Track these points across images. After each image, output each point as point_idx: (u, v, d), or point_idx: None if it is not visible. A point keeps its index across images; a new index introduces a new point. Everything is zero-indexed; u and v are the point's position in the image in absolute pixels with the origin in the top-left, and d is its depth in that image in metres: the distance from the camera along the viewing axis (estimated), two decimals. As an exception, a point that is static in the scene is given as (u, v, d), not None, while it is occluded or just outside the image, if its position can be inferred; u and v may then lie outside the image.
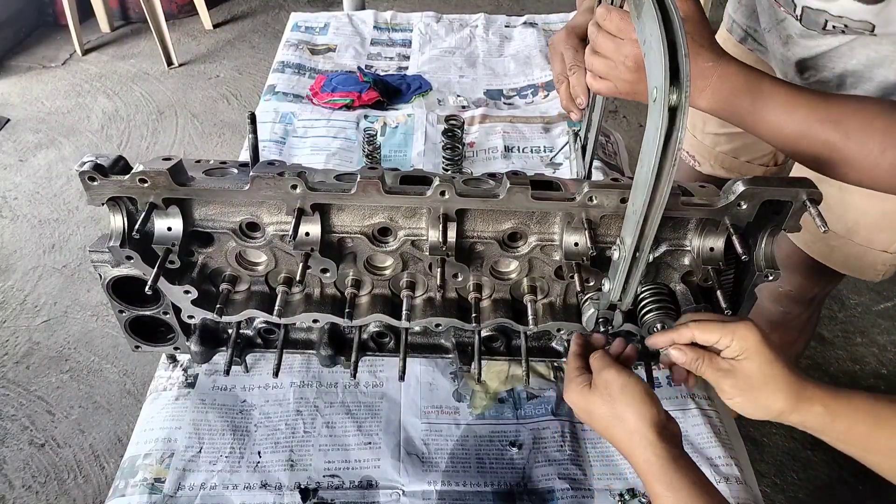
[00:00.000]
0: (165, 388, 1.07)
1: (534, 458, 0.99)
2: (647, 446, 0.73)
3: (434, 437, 1.02)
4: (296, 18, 2.00)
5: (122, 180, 0.78)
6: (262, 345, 1.05)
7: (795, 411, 0.74)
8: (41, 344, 2.24)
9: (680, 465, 0.73)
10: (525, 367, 0.98)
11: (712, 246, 0.85)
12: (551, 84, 1.70)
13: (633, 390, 0.77)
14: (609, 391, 0.78)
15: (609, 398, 0.78)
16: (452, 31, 1.98)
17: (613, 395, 0.78)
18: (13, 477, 1.88)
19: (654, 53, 0.58)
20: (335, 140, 1.52)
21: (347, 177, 0.88)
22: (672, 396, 1.06)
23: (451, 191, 0.80)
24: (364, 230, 0.86)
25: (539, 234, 0.86)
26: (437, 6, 3.08)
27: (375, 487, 0.95)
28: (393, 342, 1.03)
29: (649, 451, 0.73)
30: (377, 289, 0.95)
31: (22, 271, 2.50)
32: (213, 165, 0.88)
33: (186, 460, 0.97)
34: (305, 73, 1.77)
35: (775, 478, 1.92)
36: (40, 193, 2.85)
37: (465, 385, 1.09)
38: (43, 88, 3.49)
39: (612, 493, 0.96)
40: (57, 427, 2.01)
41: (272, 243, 0.87)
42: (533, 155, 1.50)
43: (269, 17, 4.22)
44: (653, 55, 0.59)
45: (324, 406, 1.05)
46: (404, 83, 1.72)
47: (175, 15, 4.09)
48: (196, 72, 3.68)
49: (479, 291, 0.93)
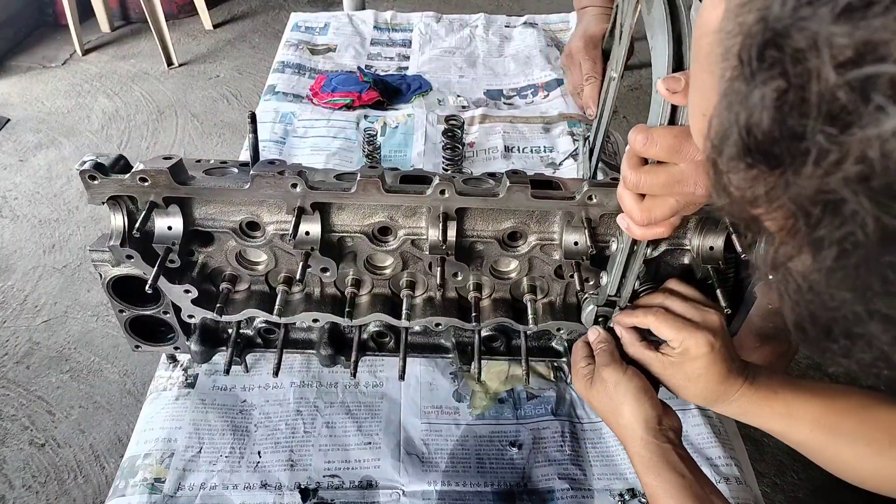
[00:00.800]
0: (165, 388, 1.07)
1: (534, 458, 0.99)
2: (639, 441, 0.77)
3: (434, 437, 1.02)
4: (296, 18, 2.00)
5: (123, 179, 0.78)
6: (262, 344, 1.05)
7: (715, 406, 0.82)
8: (41, 344, 2.24)
9: (671, 458, 0.75)
10: (525, 366, 0.98)
11: (712, 245, 0.85)
12: (551, 84, 1.70)
13: (627, 387, 0.81)
14: (606, 386, 0.82)
15: (607, 393, 0.82)
16: (452, 31, 1.98)
17: (610, 390, 0.82)
18: (13, 477, 1.88)
19: (661, 47, 0.59)
20: (335, 140, 1.52)
21: (347, 176, 0.88)
22: (672, 396, 1.06)
23: (451, 190, 0.80)
24: (364, 229, 0.86)
25: (539, 234, 0.86)
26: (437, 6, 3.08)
27: (375, 487, 0.95)
28: (393, 342, 1.03)
29: (640, 446, 0.77)
30: (377, 288, 0.95)
31: (22, 271, 2.50)
32: (213, 165, 0.88)
33: (186, 460, 0.97)
34: (305, 73, 1.77)
35: (775, 478, 1.92)
36: (40, 193, 2.85)
37: (465, 385, 1.09)
38: (43, 88, 3.49)
39: (612, 493, 0.96)
40: (57, 427, 2.01)
41: (272, 242, 0.87)
42: (533, 155, 1.50)
43: (269, 17, 4.22)
44: (659, 49, 0.59)
45: (324, 406, 1.05)
46: (404, 83, 1.72)
47: (175, 15, 4.09)
48: (196, 72, 3.68)
49: (479, 291, 0.93)
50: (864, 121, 0.26)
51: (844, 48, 0.26)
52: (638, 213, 0.63)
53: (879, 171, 0.27)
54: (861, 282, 0.31)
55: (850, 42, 0.26)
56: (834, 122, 0.28)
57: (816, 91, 0.28)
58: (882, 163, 0.26)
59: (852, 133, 0.27)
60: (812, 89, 0.28)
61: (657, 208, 0.62)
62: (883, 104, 0.26)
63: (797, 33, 0.28)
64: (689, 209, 0.61)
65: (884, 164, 0.26)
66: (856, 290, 0.31)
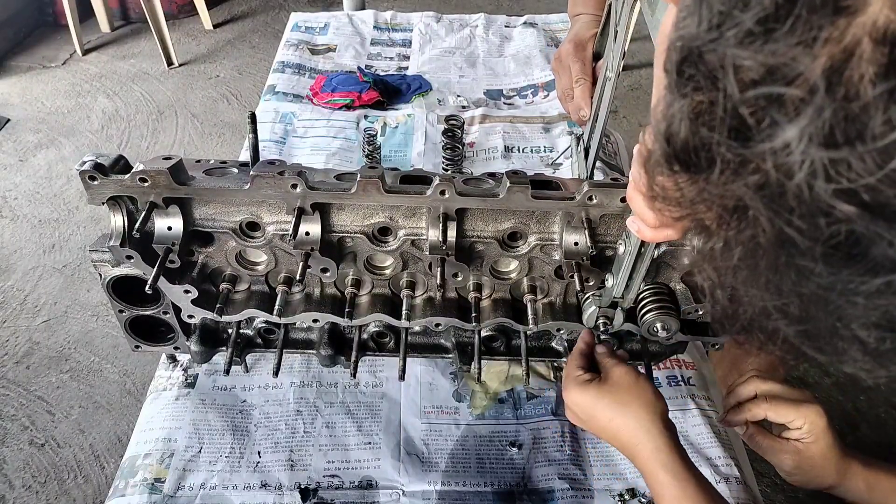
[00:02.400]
0: (165, 388, 1.07)
1: (534, 458, 0.99)
2: (658, 436, 0.77)
3: (434, 437, 1.02)
4: (296, 18, 2.00)
5: (123, 179, 0.78)
6: (262, 345, 1.05)
7: (841, 486, 0.84)
8: (41, 344, 2.24)
9: (686, 457, 0.76)
10: (525, 367, 0.98)
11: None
12: (551, 84, 1.70)
13: (644, 386, 0.81)
14: (620, 385, 0.82)
15: (619, 392, 0.82)
16: (452, 31, 1.98)
17: (623, 388, 0.82)
18: (13, 477, 1.88)
19: None
20: (335, 140, 1.52)
21: (347, 176, 0.88)
22: (672, 397, 1.06)
23: (451, 190, 0.79)
24: (364, 230, 0.86)
25: (539, 234, 0.86)
26: (437, 6, 3.08)
27: (375, 487, 0.95)
28: (393, 342, 1.03)
29: (660, 440, 0.77)
30: (377, 288, 0.95)
31: (22, 271, 2.50)
32: (213, 165, 0.88)
33: (186, 460, 0.97)
34: (305, 73, 1.77)
35: (775, 478, 1.91)
36: (40, 193, 2.85)
37: (465, 385, 1.09)
38: (43, 88, 3.49)
39: (612, 493, 0.96)
40: (57, 427, 2.01)
41: (272, 243, 0.87)
42: (533, 155, 1.50)
43: (269, 17, 4.22)
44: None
45: (324, 406, 1.05)
46: (404, 83, 1.72)
47: (175, 15, 4.09)
48: (196, 72, 3.68)
49: (479, 291, 0.93)
50: (761, 135, 0.29)
51: (748, 70, 0.29)
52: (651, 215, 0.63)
53: (773, 181, 0.30)
54: (764, 279, 0.34)
55: (752, 64, 0.29)
56: (737, 135, 0.30)
57: (723, 107, 0.30)
58: (775, 174, 0.29)
59: (751, 146, 0.30)
60: (720, 105, 0.30)
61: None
62: (777, 119, 0.28)
63: (708, 54, 0.30)
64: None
65: (776, 174, 0.29)
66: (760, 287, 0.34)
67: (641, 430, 0.78)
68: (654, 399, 0.80)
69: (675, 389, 1.08)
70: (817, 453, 0.84)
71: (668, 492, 0.74)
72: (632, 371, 0.83)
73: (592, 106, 1.12)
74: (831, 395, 2.12)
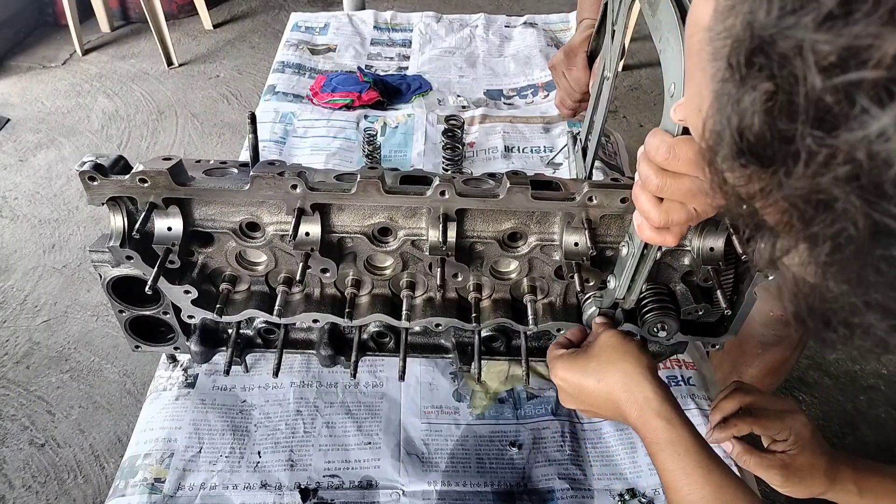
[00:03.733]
0: (165, 388, 1.07)
1: (534, 458, 0.99)
2: (648, 386, 0.76)
3: (434, 437, 1.02)
4: (296, 18, 2.00)
5: (123, 180, 0.78)
6: (262, 345, 1.05)
7: (831, 491, 0.83)
8: (41, 344, 2.24)
9: (678, 406, 0.76)
10: (525, 367, 0.98)
11: (712, 246, 0.84)
12: (551, 84, 1.70)
13: (630, 343, 0.82)
14: (605, 346, 0.82)
15: (605, 352, 0.82)
16: (452, 31, 1.98)
17: (609, 347, 0.81)
18: (13, 477, 1.88)
19: (671, 49, 0.58)
20: (335, 140, 1.52)
21: (347, 177, 0.88)
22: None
23: (451, 191, 0.79)
24: (364, 230, 0.86)
25: (539, 234, 0.86)
26: (437, 6, 3.08)
27: (375, 487, 0.95)
28: (393, 342, 1.03)
29: (649, 390, 0.76)
30: (377, 289, 0.95)
31: (22, 271, 2.50)
32: (213, 165, 0.88)
33: (186, 460, 0.97)
34: (305, 73, 1.77)
35: (775, 478, 1.91)
36: (40, 193, 2.85)
37: (465, 385, 1.09)
38: (43, 88, 3.49)
39: (612, 493, 0.96)
40: (57, 427, 2.01)
41: (272, 243, 0.87)
42: (533, 155, 1.50)
43: (269, 17, 4.22)
44: (670, 51, 0.58)
45: (324, 406, 1.05)
46: (404, 83, 1.72)
47: (175, 15, 4.09)
48: (196, 72, 3.68)
49: (479, 291, 0.93)
50: (851, 123, 0.27)
51: (828, 54, 0.27)
52: (656, 215, 0.62)
53: (867, 170, 0.28)
54: (856, 274, 0.32)
55: (833, 48, 0.27)
56: (822, 125, 0.29)
57: (803, 95, 0.29)
58: (869, 163, 0.27)
59: (839, 135, 0.28)
60: (799, 94, 0.29)
61: (675, 213, 0.61)
62: (867, 107, 0.27)
63: (782, 41, 0.29)
64: (702, 217, 0.61)
65: (871, 164, 0.27)
66: (851, 282, 0.32)
67: (631, 381, 0.78)
68: (640, 354, 0.80)
69: (675, 389, 1.07)
70: (805, 463, 0.84)
71: (662, 436, 0.73)
72: (618, 333, 0.83)
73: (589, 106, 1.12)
74: (831, 396, 2.12)
